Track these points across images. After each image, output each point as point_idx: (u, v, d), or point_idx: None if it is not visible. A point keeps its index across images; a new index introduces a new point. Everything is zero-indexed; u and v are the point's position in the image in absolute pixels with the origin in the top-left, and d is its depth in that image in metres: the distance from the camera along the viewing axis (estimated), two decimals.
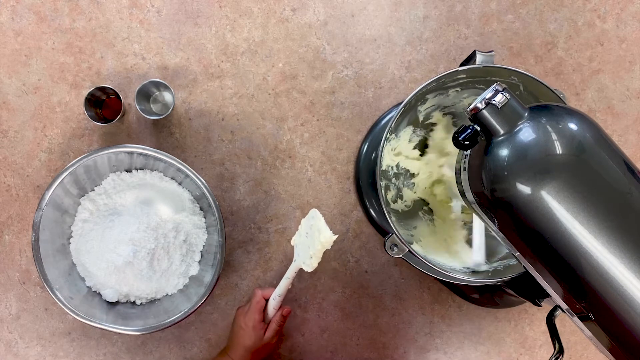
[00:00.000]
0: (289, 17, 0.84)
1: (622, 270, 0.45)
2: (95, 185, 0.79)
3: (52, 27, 0.82)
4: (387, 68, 0.85)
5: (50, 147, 0.82)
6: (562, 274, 0.49)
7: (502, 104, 0.49)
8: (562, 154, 0.47)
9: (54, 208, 0.74)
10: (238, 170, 0.84)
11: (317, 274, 0.85)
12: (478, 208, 0.54)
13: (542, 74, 0.86)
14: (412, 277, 0.86)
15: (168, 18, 0.83)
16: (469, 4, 0.85)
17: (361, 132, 0.85)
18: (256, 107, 0.84)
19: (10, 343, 0.83)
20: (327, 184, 0.85)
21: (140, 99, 0.79)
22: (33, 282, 0.83)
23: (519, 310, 0.86)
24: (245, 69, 0.84)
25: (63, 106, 0.82)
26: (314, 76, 0.84)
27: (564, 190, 0.46)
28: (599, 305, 0.47)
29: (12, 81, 0.82)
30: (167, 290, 0.79)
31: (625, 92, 0.87)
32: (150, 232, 0.76)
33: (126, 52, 0.83)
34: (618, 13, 0.86)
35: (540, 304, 0.64)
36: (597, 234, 0.46)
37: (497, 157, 0.49)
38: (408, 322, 0.86)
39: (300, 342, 0.85)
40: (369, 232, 0.85)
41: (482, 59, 0.67)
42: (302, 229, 0.70)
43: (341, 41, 0.84)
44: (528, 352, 0.87)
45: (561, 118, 0.49)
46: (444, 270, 0.69)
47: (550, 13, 0.86)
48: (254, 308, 0.74)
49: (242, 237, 0.84)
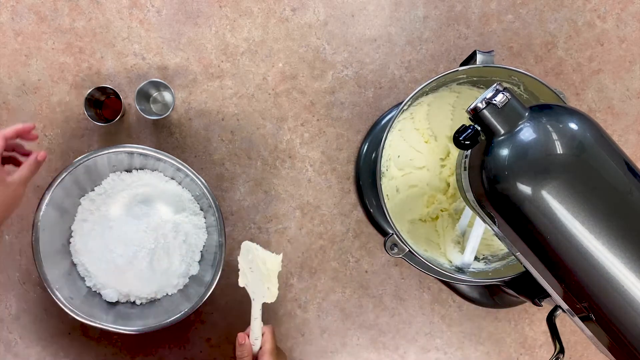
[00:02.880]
0: (289, 17, 0.84)
1: (623, 270, 0.45)
2: (95, 185, 0.79)
3: (52, 27, 0.82)
4: (387, 68, 0.85)
5: (50, 147, 0.82)
6: (562, 274, 0.49)
7: (502, 104, 0.49)
8: (562, 153, 0.47)
9: (54, 208, 0.74)
10: (238, 170, 0.84)
11: (317, 274, 0.85)
12: (478, 208, 0.54)
13: (542, 74, 0.86)
14: (412, 277, 0.86)
15: (168, 18, 0.83)
16: (469, 4, 0.85)
17: (361, 132, 0.85)
18: (256, 107, 0.84)
19: (10, 343, 0.83)
20: (327, 184, 0.85)
21: (140, 99, 0.79)
22: (33, 282, 0.83)
23: (519, 310, 0.86)
24: (245, 69, 0.84)
25: (63, 106, 0.82)
26: (314, 76, 0.84)
27: (565, 190, 0.46)
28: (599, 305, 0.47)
29: (12, 81, 0.82)
30: (167, 290, 0.79)
31: (625, 92, 0.87)
32: (150, 232, 0.76)
33: (126, 52, 0.83)
34: (618, 13, 0.86)
35: (541, 304, 0.64)
36: (597, 233, 0.46)
37: (497, 157, 0.49)
38: (408, 322, 0.86)
39: (300, 342, 0.85)
40: (369, 232, 0.85)
41: (482, 59, 0.67)
42: (242, 267, 0.67)
43: (341, 41, 0.84)
44: (528, 352, 0.87)
45: (561, 118, 0.49)
46: (444, 270, 0.69)
47: (550, 13, 0.86)
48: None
49: (242, 237, 0.84)
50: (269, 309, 0.84)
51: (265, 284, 0.66)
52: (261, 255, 0.65)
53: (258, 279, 0.66)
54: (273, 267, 0.65)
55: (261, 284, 0.66)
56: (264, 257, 0.65)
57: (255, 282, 0.67)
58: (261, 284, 0.66)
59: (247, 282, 0.68)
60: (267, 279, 0.66)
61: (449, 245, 0.77)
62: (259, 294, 0.67)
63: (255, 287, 0.67)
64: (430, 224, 0.80)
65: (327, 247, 0.85)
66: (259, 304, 0.68)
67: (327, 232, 0.85)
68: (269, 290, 0.66)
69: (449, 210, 0.80)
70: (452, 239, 0.77)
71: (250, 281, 0.68)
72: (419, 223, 0.80)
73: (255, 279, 0.67)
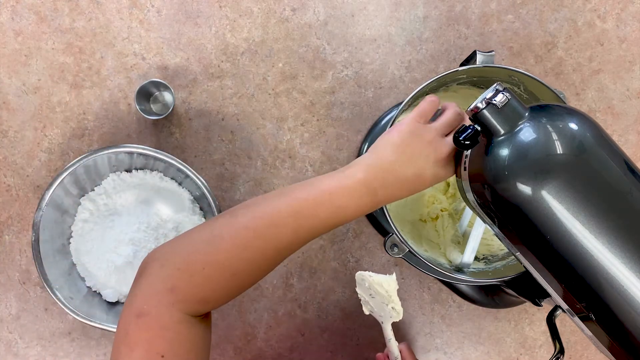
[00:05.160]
0: (289, 17, 0.84)
1: (623, 270, 0.45)
2: (95, 185, 0.79)
3: (52, 27, 0.82)
4: (387, 68, 0.85)
5: (50, 147, 0.82)
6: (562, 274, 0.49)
7: (502, 104, 0.49)
8: (562, 153, 0.47)
9: (54, 208, 0.74)
10: (238, 170, 0.84)
11: (317, 274, 0.85)
12: (478, 208, 0.54)
13: (542, 74, 0.86)
14: (412, 277, 0.86)
15: (168, 18, 0.83)
16: (469, 4, 0.85)
17: (361, 132, 0.85)
18: (256, 107, 0.84)
19: (10, 343, 0.83)
20: None
21: (140, 99, 0.79)
22: (33, 282, 0.83)
23: (519, 310, 0.86)
24: (245, 69, 0.84)
25: (63, 106, 0.82)
26: (314, 76, 0.84)
27: (565, 190, 0.46)
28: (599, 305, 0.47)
29: (12, 81, 0.82)
30: None
31: (625, 92, 0.87)
32: (150, 232, 0.76)
33: (126, 52, 0.83)
34: (618, 13, 0.86)
35: (541, 304, 0.64)
36: (597, 233, 0.46)
37: (497, 157, 0.49)
38: (408, 322, 0.86)
39: (300, 342, 0.85)
40: (369, 232, 0.85)
41: (482, 59, 0.67)
42: (363, 296, 0.69)
43: (341, 41, 0.84)
44: (528, 352, 0.87)
45: (562, 118, 0.49)
46: (444, 270, 0.69)
47: (550, 13, 0.86)
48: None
49: None
50: (270, 309, 0.84)
51: (389, 304, 0.67)
52: (376, 280, 0.66)
53: (380, 302, 0.68)
54: (390, 288, 0.66)
55: (384, 306, 0.68)
56: (379, 281, 0.66)
57: (378, 306, 0.69)
58: (384, 306, 0.68)
59: (371, 308, 0.70)
60: (389, 300, 0.67)
61: (449, 245, 0.77)
62: (386, 315, 0.69)
63: (380, 310, 0.69)
64: (430, 224, 0.80)
65: (327, 247, 0.85)
66: (388, 325, 0.69)
67: (327, 232, 0.84)
68: (394, 310, 0.68)
69: (449, 210, 0.80)
70: (452, 239, 0.77)
71: (373, 307, 0.69)
72: (419, 223, 0.80)
73: (377, 303, 0.68)
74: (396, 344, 0.70)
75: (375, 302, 0.69)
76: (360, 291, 0.69)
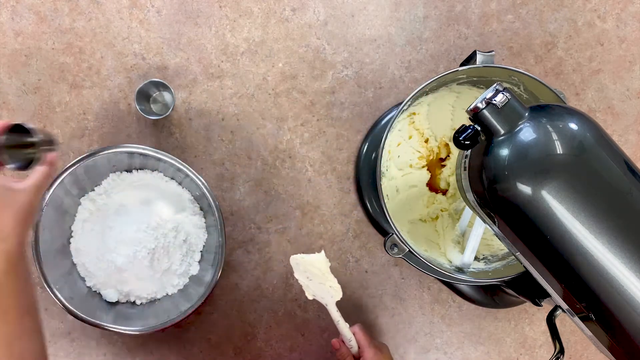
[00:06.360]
0: (289, 17, 0.84)
1: (623, 270, 0.45)
2: (95, 185, 0.79)
3: (52, 27, 0.82)
4: (387, 68, 0.85)
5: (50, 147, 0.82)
6: (562, 273, 0.49)
7: (502, 104, 0.49)
8: (562, 153, 0.47)
9: (54, 208, 0.74)
10: (238, 170, 0.84)
11: None
12: (478, 208, 0.54)
13: (542, 74, 0.86)
14: (412, 277, 0.86)
15: (168, 18, 0.83)
16: (469, 4, 0.85)
17: (361, 132, 0.85)
18: (256, 107, 0.84)
19: None
20: (327, 184, 0.85)
21: (140, 99, 0.79)
22: (33, 282, 0.83)
23: (519, 310, 0.86)
24: (245, 69, 0.84)
25: (63, 106, 0.82)
26: (314, 76, 0.84)
27: (565, 190, 0.46)
28: (599, 305, 0.47)
29: (12, 81, 0.82)
30: (167, 290, 0.79)
31: (625, 92, 0.87)
32: (150, 232, 0.76)
33: (126, 52, 0.83)
34: (618, 13, 0.86)
35: (541, 304, 0.64)
36: (597, 233, 0.46)
37: (497, 157, 0.49)
38: (408, 322, 0.86)
39: (300, 342, 0.85)
40: (369, 232, 0.85)
41: (482, 59, 0.67)
42: (301, 280, 0.69)
43: (341, 41, 0.84)
44: (528, 352, 0.87)
45: (561, 118, 0.49)
46: (444, 270, 0.69)
47: (550, 13, 0.86)
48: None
49: (242, 237, 0.84)
50: (270, 309, 0.84)
51: (326, 283, 0.67)
52: (308, 260, 0.66)
53: (318, 284, 0.67)
54: (322, 266, 0.66)
55: (323, 286, 0.67)
56: (310, 261, 0.66)
57: (318, 288, 0.68)
58: (323, 286, 0.67)
59: (313, 292, 0.69)
60: (324, 279, 0.66)
61: (449, 245, 0.77)
62: (327, 296, 0.68)
63: (321, 292, 0.68)
64: (430, 224, 0.80)
65: (327, 247, 0.85)
66: (333, 306, 0.69)
67: (327, 232, 0.85)
68: (332, 288, 0.67)
69: (449, 210, 0.80)
70: (452, 239, 0.77)
71: (314, 290, 0.68)
72: (419, 223, 0.80)
73: (316, 285, 0.68)
74: (347, 325, 0.69)
75: (314, 285, 0.67)
76: (298, 275, 0.68)
